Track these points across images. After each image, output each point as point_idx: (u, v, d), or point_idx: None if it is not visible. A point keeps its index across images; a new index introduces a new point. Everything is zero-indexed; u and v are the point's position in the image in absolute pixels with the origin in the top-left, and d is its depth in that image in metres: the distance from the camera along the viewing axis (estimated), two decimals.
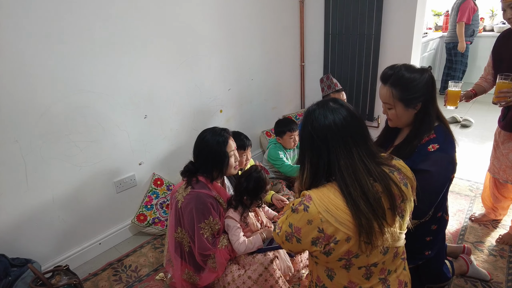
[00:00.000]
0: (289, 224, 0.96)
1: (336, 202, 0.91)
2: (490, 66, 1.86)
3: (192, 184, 1.51)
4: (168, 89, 2.20)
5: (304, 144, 1.00)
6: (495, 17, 4.56)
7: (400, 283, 1.05)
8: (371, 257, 0.95)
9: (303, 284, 1.72)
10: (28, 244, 1.78)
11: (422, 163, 1.26)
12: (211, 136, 1.53)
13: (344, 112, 0.96)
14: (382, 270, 1.01)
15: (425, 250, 1.46)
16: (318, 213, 0.90)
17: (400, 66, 1.26)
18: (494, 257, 1.84)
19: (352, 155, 0.93)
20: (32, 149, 1.69)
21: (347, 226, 0.89)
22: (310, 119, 0.97)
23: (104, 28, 1.80)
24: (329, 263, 0.97)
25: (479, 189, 2.47)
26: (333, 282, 1.02)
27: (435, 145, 1.26)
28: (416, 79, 1.23)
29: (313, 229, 0.91)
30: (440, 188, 1.30)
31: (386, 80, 1.27)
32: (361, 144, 0.95)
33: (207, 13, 2.30)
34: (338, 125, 0.94)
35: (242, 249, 1.50)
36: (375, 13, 2.66)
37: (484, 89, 1.90)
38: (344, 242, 0.90)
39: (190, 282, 1.61)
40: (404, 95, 1.25)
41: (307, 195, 0.94)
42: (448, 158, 1.27)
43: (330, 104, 0.99)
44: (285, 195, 2.18)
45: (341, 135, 0.93)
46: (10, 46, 1.51)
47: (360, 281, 1.00)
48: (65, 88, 1.73)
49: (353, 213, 0.88)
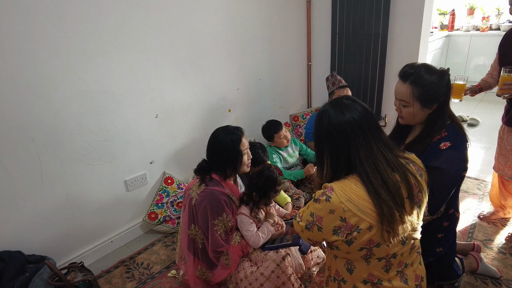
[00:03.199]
0: (311, 213, 0.99)
1: (358, 191, 0.94)
2: (496, 62, 1.87)
3: (206, 181, 1.53)
4: (178, 89, 2.22)
5: (322, 141, 1.02)
6: (501, 15, 4.55)
7: (416, 277, 1.07)
8: (391, 247, 0.97)
9: (314, 281, 1.74)
10: (42, 242, 1.81)
11: (434, 160, 1.28)
12: (225, 134, 1.55)
13: (359, 107, 1.01)
14: (400, 262, 1.03)
15: (436, 246, 1.47)
16: (340, 203, 0.93)
17: (420, 66, 1.27)
18: (503, 254, 1.85)
19: (371, 147, 0.97)
20: (47, 149, 1.72)
21: (369, 214, 0.92)
22: (327, 117, 1.00)
23: (116, 30, 1.82)
24: (350, 253, 0.99)
25: (487, 187, 2.48)
26: (352, 275, 1.04)
27: (447, 143, 1.28)
28: (438, 81, 1.24)
29: (335, 219, 0.94)
30: (452, 184, 1.32)
31: (406, 78, 1.27)
32: (377, 136, 0.99)
33: (216, 15, 2.32)
34: (356, 119, 0.97)
35: (258, 241, 1.53)
36: (382, 13, 2.67)
37: (490, 84, 1.92)
38: (366, 230, 0.93)
39: (203, 278, 1.63)
40: (424, 95, 1.25)
41: (329, 186, 0.97)
42: (460, 155, 1.29)
43: (344, 101, 1.02)
44: (295, 194, 2.20)
45: (360, 128, 0.97)
46: (25, 48, 1.54)
47: (380, 274, 1.01)
48: (78, 88, 1.76)
49: (375, 201, 0.91)
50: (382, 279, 1.02)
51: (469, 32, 4.66)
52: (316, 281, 1.74)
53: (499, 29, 4.44)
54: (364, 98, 3.02)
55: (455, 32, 4.78)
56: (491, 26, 4.55)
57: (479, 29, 4.60)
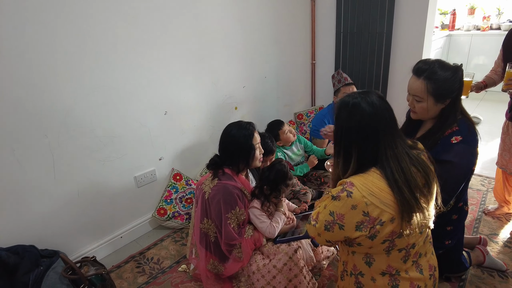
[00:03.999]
0: (330, 212, 0.99)
1: (380, 184, 0.96)
2: (500, 59, 1.91)
3: (218, 176, 1.56)
4: (187, 87, 2.25)
5: (351, 135, 1.01)
6: (501, 15, 4.59)
7: (430, 267, 1.10)
8: (411, 237, 0.99)
9: (324, 275, 1.77)
10: (54, 236, 1.83)
11: (445, 154, 1.30)
12: (237, 130, 1.58)
13: (388, 105, 1.01)
14: (416, 253, 1.05)
15: (445, 239, 1.50)
16: (363, 197, 0.94)
17: (434, 62, 1.29)
18: (509, 248, 1.88)
19: (397, 146, 0.99)
20: (60, 144, 1.74)
21: (391, 206, 0.94)
22: (359, 111, 0.99)
23: (127, 29, 1.85)
24: (372, 247, 1.00)
25: (490, 183, 2.52)
26: (371, 268, 1.05)
27: (458, 137, 1.31)
28: (452, 77, 1.26)
29: (358, 214, 0.95)
30: (462, 178, 1.35)
31: (420, 73, 1.29)
32: (400, 134, 1.01)
33: (223, 14, 2.35)
34: (387, 118, 0.99)
35: (274, 231, 1.55)
36: (387, 12, 2.70)
37: (494, 81, 1.95)
38: (389, 223, 0.95)
39: (215, 272, 1.65)
40: (438, 90, 1.27)
41: (348, 182, 0.98)
42: (471, 149, 1.32)
43: (374, 97, 1.01)
44: (302, 189, 2.23)
45: (389, 127, 0.99)
46: (39, 47, 1.56)
47: (398, 265, 1.03)
48: (90, 86, 1.78)
49: (397, 197, 0.94)
50: (400, 270, 1.04)
51: (470, 31, 4.70)
52: (325, 274, 1.77)
53: (500, 28, 4.49)
54: None
55: (456, 31, 4.82)
56: (491, 25, 4.60)
57: (480, 28, 4.65)
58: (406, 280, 1.05)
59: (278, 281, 1.51)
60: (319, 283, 1.70)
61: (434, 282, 1.12)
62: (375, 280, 1.06)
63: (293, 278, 1.51)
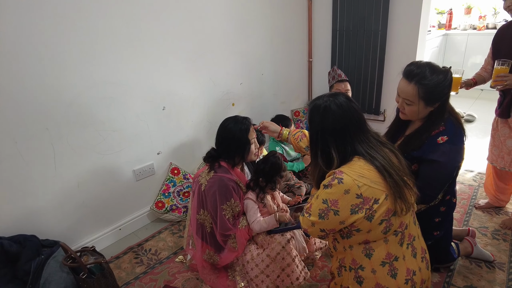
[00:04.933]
0: (323, 201, 1.04)
1: (366, 166, 1.03)
2: (490, 57, 1.96)
3: (215, 168, 1.61)
4: (185, 83, 2.30)
5: (326, 136, 1.09)
6: (497, 15, 4.64)
7: (422, 250, 1.16)
8: (403, 215, 1.06)
9: (317, 265, 1.82)
10: (54, 227, 1.88)
11: (431, 153, 1.34)
12: (234, 124, 1.63)
13: (354, 104, 1.11)
14: (409, 235, 1.11)
15: (434, 230, 1.55)
16: (354, 180, 1.00)
17: (425, 65, 1.29)
18: (497, 240, 1.93)
19: (369, 138, 1.09)
20: (60, 137, 1.79)
21: (382, 184, 1.02)
22: (330, 114, 1.08)
23: (127, 25, 1.90)
24: (371, 231, 1.05)
25: (482, 179, 2.57)
26: (371, 259, 1.10)
27: (444, 137, 1.34)
28: (442, 82, 1.27)
29: (352, 198, 1.00)
30: (448, 176, 1.39)
31: (412, 77, 1.29)
32: (369, 128, 1.12)
33: (220, 11, 2.39)
34: (355, 116, 1.09)
35: (257, 228, 1.60)
36: (382, 10, 2.75)
37: (483, 78, 2.00)
38: (384, 201, 1.01)
39: (210, 262, 1.70)
40: (429, 95, 1.29)
41: (337, 171, 1.04)
42: (457, 149, 1.35)
43: (341, 98, 1.10)
44: (297, 183, 2.28)
45: (359, 123, 1.08)
46: (41, 42, 1.61)
47: (396, 250, 1.09)
48: (90, 80, 1.83)
49: (383, 174, 1.02)
50: (398, 256, 1.09)
51: (466, 31, 4.75)
52: (318, 265, 1.82)
53: (496, 28, 4.54)
54: (364, 94, 3.11)
55: (453, 31, 4.88)
56: (487, 25, 4.65)
57: (476, 28, 4.70)
58: (403, 266, 1.10)
59: (271, 269, 1.56)
60: (311, 274, 1.75)
61: (427, 265, 1.18)
62: (376, 271, 1.10)
63: (286, 267, 1.56)
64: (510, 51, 1.78)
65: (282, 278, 1.57)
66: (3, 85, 1.54)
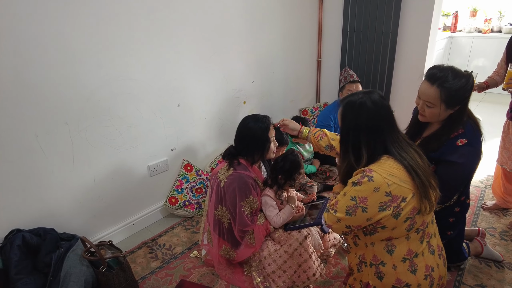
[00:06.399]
0: (352, 198, 1.06)
1: (396, 165, 1.06)
2: (503, 61, 1.99)
3: (234, 166, 1.63)
4: (199, 80, 2.31)
5: (359, 132, 1.10)
6: (502, 18, 4.68)
7: (438, 248, 1.19)
8: (426, 214, 1.09)
9: (330, 262, 1.85)
10: (70, 221, 1.90)
11: (450, 155, 1.37)
12: (254, 122, 1.65)
13: (387, 103, 1.13)
14: (428, 234, 1.15)
15: (448, 230, 1.59)
16: (384, 179, 1.03)
17: (448, 69, 1.31)
18: (505, 241, 1.98)
19: (399, 138, 1.11)
20: (79, 132, 1.81)
21: (410, 183, 1.05)
22: (365, 110, 1.09)
23: (146, 23, 1.91)
24: (395, 228, 1.08)
25: (489, 180, 2.61)
26: (393, 256, 1.13)
27: (464, 139, 1.37)
28: (464, 85, 1.29)
29: (381, 195, 1.03)
30: (467, 177, 1.43)
31: (435, 80, 1.31)
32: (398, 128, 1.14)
33: (234, 11, 2.41)
34: (388, 114, 1.10)
35: (279, 221, 1.63)
36: (393, 12, 2.77)
37: (496, 82, 2.03)
38: (411, 199, 1.04)
39: (227, 258, 1.73)
40: (451, 98, 1.30)
41: (367, 169, 1.06)
42: (475, 151, 1.39)
43: (376, 96, 1.11)
44: (309, 182, 2.31)
45: (391, 121, 1.10)
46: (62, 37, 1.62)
47: (416, 247, 1.12)
48: (109, 75, 1.84)
49: (416, 180, 1.05)
50: (418, 253, 1.13)
51: (471, 33, 4.79)
52: (331, 262, 1.86)
53: (501, 31, 4.58)
54: None
55: (458, 33, 4.91)
56: (492, 28, 4.69)
57: (481, 31, 4.74)
58: (422, 262, 1.14)
59: (288, 265, 1.59)
60: (326, 271, 1.78)
61: (443, 262, 1.22)
62: (396, 267, 1.13)
63: (303, 263, 1.59)
64: None
65: (299, 273, 1.60)
66: (26, 79, 1.55)
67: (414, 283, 1.13)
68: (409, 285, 1.13)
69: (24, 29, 1.50)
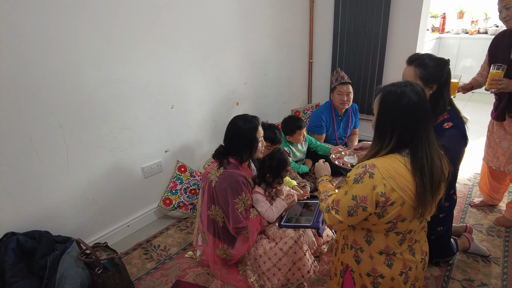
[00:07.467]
0: (353, 197, 1.05)
1: (400, 170, 1.03)
2: (486, 63, 2.06)
3: (224, 165, 1.66)
4: (193, 82, 2.34)
5: (398, 118, 1.06)
6: (488, 20, 4.81)
7: (422, 252, 1.19)
8: (412, 223, 1.08)
9: (323, 260, 1.89)
10: (65, 223, 1.90)
11: (438, 138, 1.42)
12: (243, 122, 1.68)
13: (426, 96, 1.09)
14: (411, 238, 1.14)
15: (438, 226, 1.64)
16: (382, 179, 1.02)
17: (425, 54, 1.49)
18: (492, 236, 2.04)
19: (431, 133, 1.09)
20: (73, 134, 1.81)
21: (406, 192, 1.02)
22: (406, 98, 1.05)
23: (141, 27, 1.93)
24: (375, 225, 1.09)
25: (476, 178, 2.69)
26: (370, 246, 1.15)
27: (449, 123, 1.47)
28: (437, 64, 1.44)
29: (377, 194, 1.02)
30: (456, 159, 1.49)
31: (412, 61, 1.48)
32: (431, 125, 1.10)
33: (227, 14, 2.44)
34: (427, 107, 1.07)
35: (272, 215, 1.67)
36: (382, 14, 2.83)
37: (479, 83, 2.11)
38: (398, 206, 1.03)
39: (224, 257, 1.75)
40: (426, 75, 1.44)
41: (370, 164, 1.04)
42: (461, 133, 1.48)
43: (417, 87, 1.07)
44: (302, 182, 2.35)
45: (428, 115, 1.07)
46: (57, 39, 1.63)
47: (395, 246, 1.13)
48: (104, 78, 1.85)
49: (418, 182, 1.02)
50: (396, 252, 1.13)
51: (459, 35, 4.90)
52: (325, 260, 1.89)
53: (487, 32, 4.70)
54: (363, 95, 3.20)
55: (446, 34, 5.02)
56: (479, 29, 4.81)
57: (468, 32, 4.85)
58: (400, 260, 1.15)
59: (283, 263, 1.62)
60: (319, 268, 1.82)
61: (423, 266, 1.22)
62: (373, 257, 1.15)
63: (297, 261, 1.62)
64: (505, 58, 1.88)
65: (293, 271, 1.63)
66: (19, 82, 1.56)
67: (388, 275, 1.14)
68: (383, 276, 1.14)
69: (19, 33, 1.51)
